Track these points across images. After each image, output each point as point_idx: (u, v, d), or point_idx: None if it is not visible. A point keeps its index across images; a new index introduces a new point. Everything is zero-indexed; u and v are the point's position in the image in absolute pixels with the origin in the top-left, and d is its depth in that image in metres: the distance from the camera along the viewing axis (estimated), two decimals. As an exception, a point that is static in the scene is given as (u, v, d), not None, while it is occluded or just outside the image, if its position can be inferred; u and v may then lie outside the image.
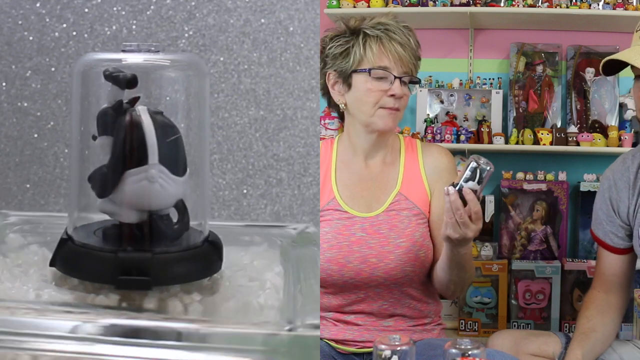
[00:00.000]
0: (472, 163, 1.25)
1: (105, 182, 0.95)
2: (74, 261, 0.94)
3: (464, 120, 2.48)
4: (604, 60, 1.38)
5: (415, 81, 1.45)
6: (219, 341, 0.80)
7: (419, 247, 1.42)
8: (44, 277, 0.99)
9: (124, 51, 0.98)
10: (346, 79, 1.44)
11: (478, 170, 1.24)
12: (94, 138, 0.97)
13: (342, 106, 1.47)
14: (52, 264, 0.97)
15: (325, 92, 1.50)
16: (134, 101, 0.96)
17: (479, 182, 1.24)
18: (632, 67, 1.35)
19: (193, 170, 1.01)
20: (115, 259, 0.90)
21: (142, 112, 0.94)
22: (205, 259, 0.96)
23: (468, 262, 1.39)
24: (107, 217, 0.99)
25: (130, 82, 0.94)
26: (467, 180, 1.25)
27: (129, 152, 0.93)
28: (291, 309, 0.89)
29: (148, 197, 0.94)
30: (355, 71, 1.42)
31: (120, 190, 0.94)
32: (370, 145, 1.47)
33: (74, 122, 1.00)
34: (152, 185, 0.94)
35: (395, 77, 1.40)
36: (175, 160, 0.96)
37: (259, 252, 1.16)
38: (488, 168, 1.24)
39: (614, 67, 1.39)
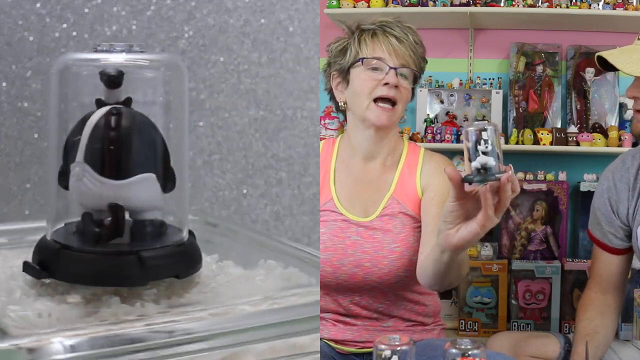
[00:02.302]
0: (481, 133, 0.99)
1: (60, 173, 0.99)
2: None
3: (464, 120, 2.48)
4: (596, 55, 1.38)
5: (416, 75, 1.44)
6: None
7: (413, 252, 1.40)
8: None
9: (96, 51, 0.99)
10: (345, 75, 1.45)
11: (483, 140, 0.98)
12: None
13: (342, 104, 1.47)
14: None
15: (332, 96, 1.51)
16: (127, 102, 0.97)
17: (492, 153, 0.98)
18: None
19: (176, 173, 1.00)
20: (38, 245, 0.97)
21: (99, 111, 0.94)
22: (113, 267, 0.93)
23: (465, 256, 1.29)
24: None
25: (110, 81, 0.94)
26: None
27: (70, 148, 0.96)
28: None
29: (77, 194, 0.96)
30: (352, 66, 1.43)
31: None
32: (369, 144, 1.46)
33: (51, 122, 1.00)
34: (78, 183, 0.94)
35: (390, 68, 1.40)
36: (107, 161, 0.94)
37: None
38: (491, 127, 0.99)
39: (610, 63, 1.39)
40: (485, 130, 0.98)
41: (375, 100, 1.41)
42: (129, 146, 0.94)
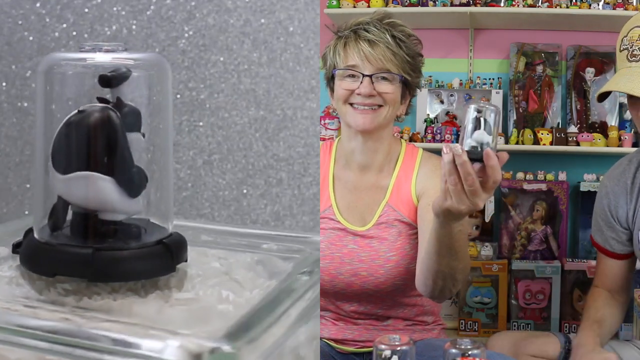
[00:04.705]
0: (473, 113, 1.03)
1: None
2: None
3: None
4: (599, 92, 1.38)
5: (403, 76, 1.39)
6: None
7: (409, 260, 1.39)
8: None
9: (82, 50, 0.99)
10: (331, 84, 1.45)
11: (482, 119, 1.03)
12: None
13: (331, 111, 1.48)
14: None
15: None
16: (117, 102, 0.97)
17: (488, 133, 1.02)
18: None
19: (157, 171, 1.00)
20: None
21: (77, 109, 0.97)
22: (31, 253, 0.97)
23: (462, 245, 1.20)
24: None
25: (101, 81, 0.96)
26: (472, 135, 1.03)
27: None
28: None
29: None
30: (332, 76, 1.43)
31: None
32: (362, 151, 1.44)
33: (38, 121, 1.01)
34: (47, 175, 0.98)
35: (364, 76, 1.37)
36: (56, 155, 0.96)
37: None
38: (492, 108, 1.03)
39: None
40: (480, 111, 1.04)
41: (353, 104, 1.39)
42: (73, 143, 0.96)
